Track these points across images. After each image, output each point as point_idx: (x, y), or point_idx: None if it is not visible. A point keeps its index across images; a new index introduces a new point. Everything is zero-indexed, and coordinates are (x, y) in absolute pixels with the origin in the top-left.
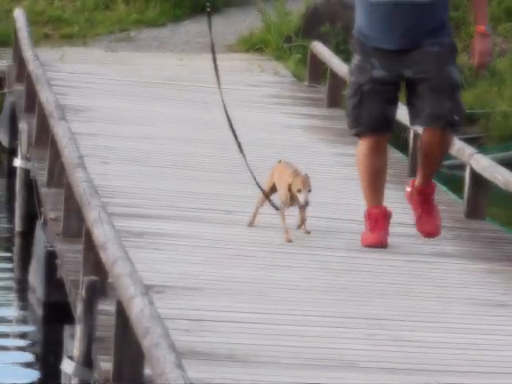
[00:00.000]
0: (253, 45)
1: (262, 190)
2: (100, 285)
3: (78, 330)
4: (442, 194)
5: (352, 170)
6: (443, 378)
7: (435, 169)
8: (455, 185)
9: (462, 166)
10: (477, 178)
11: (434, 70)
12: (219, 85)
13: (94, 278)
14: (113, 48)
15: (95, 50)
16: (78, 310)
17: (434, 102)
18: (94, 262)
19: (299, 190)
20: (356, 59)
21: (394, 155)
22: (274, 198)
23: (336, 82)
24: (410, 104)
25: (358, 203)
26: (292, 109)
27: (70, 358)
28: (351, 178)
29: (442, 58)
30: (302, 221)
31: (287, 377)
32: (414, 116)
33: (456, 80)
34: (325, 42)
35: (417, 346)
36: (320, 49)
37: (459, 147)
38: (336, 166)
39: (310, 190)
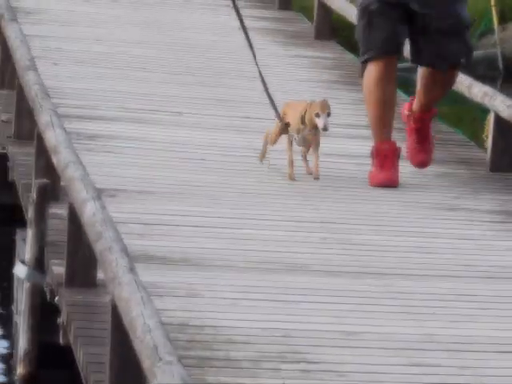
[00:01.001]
0: None
1: (278, 116)
2: (51, 188)
3: (30, 233)
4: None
5: (307, 71)
6: (388, 281)
7: (436, 100)
8: (408, 88)
9: (413, 69)
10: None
11: (441, 7)
12: (255, 58)
13: (45, 181)
14: None
15: None
16: (29, 213)
17: (440, 44)
18: (46, 166)
19: (317, 115)
20: None
21: (345, 56)
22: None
23: None
24: (412, 40)
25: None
26: (244, 12)
27: (23, 262)
28: (306, 79)
29: None
30: (315, 166)
31: (239, 280)
32: (417, 54)
33: (464, 19)
34: None
35: (365, 250)
36: None
37: None
38: (292, 67)
39: (329, 114)
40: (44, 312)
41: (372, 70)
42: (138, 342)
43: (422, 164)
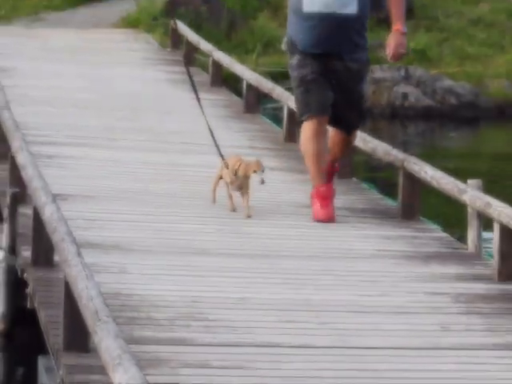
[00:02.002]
0: (130, 23)
1: (222, 159)
2: (21, 195)
3: (5, 227)
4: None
5: (207, 108)
6: (273, 260)
7: (340, 153)
8: (278, 122)
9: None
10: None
11: (350, 85)
12: (202, 111)
13: (16, 190)
14: (29, 26)
15: (17, 28)
16: (5, 213)
17: (347, 114)
18: (17, 178)
19: (255, 172)
20: (295, 59)
21: (233, 98)
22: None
23: (189, 47)
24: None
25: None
26: (159, 67)
27: (0, 248)
28: (207, 114)
29: (359, 76)
30: (247, 206)
31: (159, 260)
32: (330, 118)
33: (365, 94)
34: (181, 20)
35: (255, 238)
36: (178, 25)
37: None
38: (194, 107)
39: (263, 171)
40: (16, 284)
41: (308, 128)
42: (83, 307)
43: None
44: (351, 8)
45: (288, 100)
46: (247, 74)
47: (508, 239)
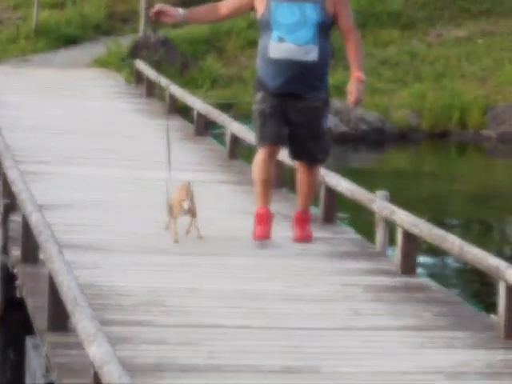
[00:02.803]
0: (101, 63)
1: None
2: (12, 205)
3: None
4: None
5: (164, 132)
6: (217, 258)
7: (309, 197)
8: (221, 142)
9: (223, 134)
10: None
11: (312, 122)
12: (169, 163)
13: (8, 201)
14: (17, 66)
15: (6, 67)
16: None
17: (307, 147)
18: (8, 191)
19: (183, 200)
20: (259, 95)
21: (186, 123)
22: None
23: (150, 83)
24: (290, 140)
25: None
26: (126, 99)
27: None
28: (161, 137)
29: (320, 113)
30: (188, 228)
31: (125, 257)
32: (291, 152)
33: (326, 129)
34: (144, 61)
35: (202, 239)
36: (141, 65)
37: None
38: (154, 131)
39: (192, 197)
40: (8, 278)
41: (259, 155)
42: (64, 295)
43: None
44: (312, 55)
45: (230, 125)
46: (197, 103)
47: (408, 241)
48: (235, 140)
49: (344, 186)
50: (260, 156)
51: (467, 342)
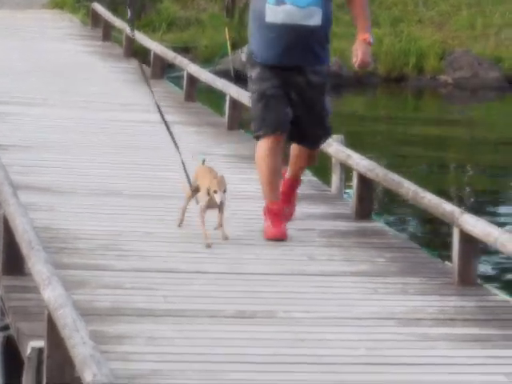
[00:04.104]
0: (56, 4)
1: (189, 182)
2: None
3: None
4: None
5: (121, 74)
6: (175, 201)
7: (302, 169)
8: (178, 84)
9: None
10: None
11: (316, 102)
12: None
13: None
14: None
15: None
16: None
17: (310, 129)
18: None
19: (215, 191)
20: (255, 72)
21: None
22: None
23: (107, 24)
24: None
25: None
26: (81, 42)
27: None
28: (118, 79)
29: (321, 89)
30: (220, 223)
31: (81, 200)
32: (291, 136)
33: (328, 110)
34: (101, 3)
35: (159, 180)
36: (98, 7)
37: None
38: (111, 73)
39: (225, 191)
40: None
41: (262, 146)
42: (19, 238)
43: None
44: (315, 19)
45: (187, 66)
46: (154, 45)
47: (364, 185)
48: (192, 82)
49: None
50: (265, 145)
51: (421, 288)
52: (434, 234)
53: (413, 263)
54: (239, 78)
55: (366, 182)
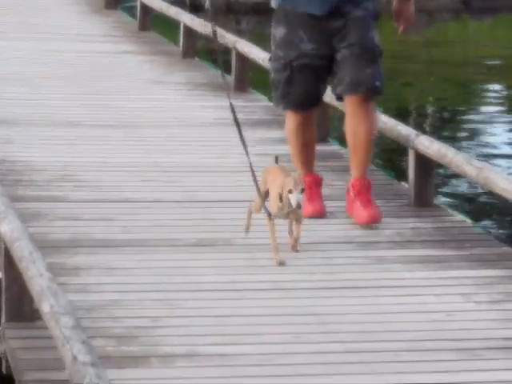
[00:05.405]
0: None
1: (259, 193)
2: None
3: None
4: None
5: (75, 6)
6: (130, 130)
7: (366, 155)
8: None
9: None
10: None
11: (356, 35)
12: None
13: None
14: None
15: None
16: None
17: (355, 69)
18: None
19: (290, 191)
20: (280, 32)
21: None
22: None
23: None
24: (336, 69)
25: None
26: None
27: None
28: (73, 11)
29: (366, 24)
30: (296, 238)
31: (37, 132)
32: (335, 85)
33: (378, 46)
34: None
35: (114, 110)
36: None
37: None
38: (66, 5)
39: (303, 190)
40: None
41: (289, 119)
42: None
43: (369, 222)
44: None
45: None
46: None
47: (321, 109)
48: (145, 11)
49: (256, 53)
50: (290, 122)
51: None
52: (390, 157)
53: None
54: (195, 8)
55: (322, 105)
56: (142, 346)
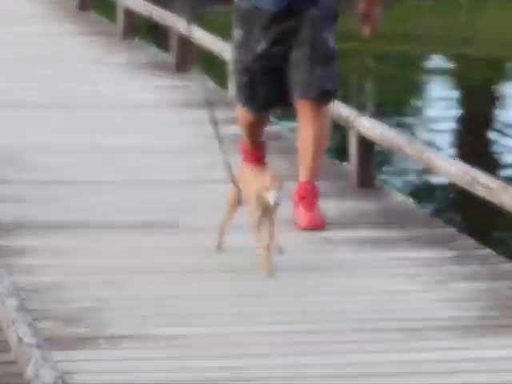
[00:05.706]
0: None
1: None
2: None
3: None
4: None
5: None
6: (68, 111)
7: (313, 159)
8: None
9: None
10: None
11: (308, 35)
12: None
13: None
14: None
15: None
16: None
17: (307, 71)
18: None
19: (266, 188)
20: (238, 34)
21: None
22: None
23: None
24: (287, 70)
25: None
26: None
27: None
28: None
29: (320, 23)
30: (272, 237)
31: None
32: (290, 86)
33: (331, 48)
34: None
35: (56, 91)
36: None
37: None
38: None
39: (281, 187)
40: None
41: (245, 116)
42: None
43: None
44: None
45: None
46: None
47: None
48: None
49: (197, 34)
50: (245, 118)
51: (321, 191)
52: (334, 137)
53: None
54: None
55: None
56: (89, 327)
